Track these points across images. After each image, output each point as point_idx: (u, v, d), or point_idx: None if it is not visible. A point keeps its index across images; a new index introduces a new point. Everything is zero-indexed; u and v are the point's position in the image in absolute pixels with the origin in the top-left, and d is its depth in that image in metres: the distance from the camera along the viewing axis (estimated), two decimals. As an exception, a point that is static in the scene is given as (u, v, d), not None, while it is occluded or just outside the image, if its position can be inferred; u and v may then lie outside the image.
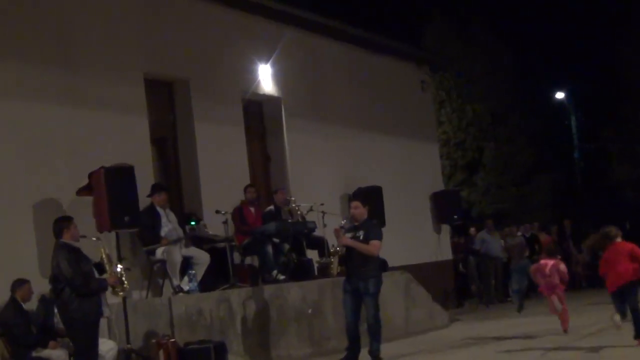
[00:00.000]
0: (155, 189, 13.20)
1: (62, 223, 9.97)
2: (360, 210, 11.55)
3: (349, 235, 11.38)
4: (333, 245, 11.55)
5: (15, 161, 11.85)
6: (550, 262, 12.84)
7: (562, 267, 12.83)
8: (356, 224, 11.53)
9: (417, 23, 30.26)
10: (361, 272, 11.31)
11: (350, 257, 11.37)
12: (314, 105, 17.73)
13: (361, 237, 11.35)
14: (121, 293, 10.50)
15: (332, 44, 18.64)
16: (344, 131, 18.44)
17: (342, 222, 11.80)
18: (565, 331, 12.83)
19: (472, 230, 23.30)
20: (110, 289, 10.21)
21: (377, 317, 11.39)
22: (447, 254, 21.71)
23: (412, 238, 19.57)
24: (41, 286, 11.46)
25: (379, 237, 11.43)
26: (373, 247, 11.35)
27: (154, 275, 13.18)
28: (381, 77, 20.11)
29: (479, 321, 16.62)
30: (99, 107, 13.12)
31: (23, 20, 12.20)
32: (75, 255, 9.72)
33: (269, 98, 16.90)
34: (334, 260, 11.44)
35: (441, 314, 16.40)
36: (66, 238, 9.83)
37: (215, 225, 13.93)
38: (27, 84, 12.15)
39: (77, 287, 9.60)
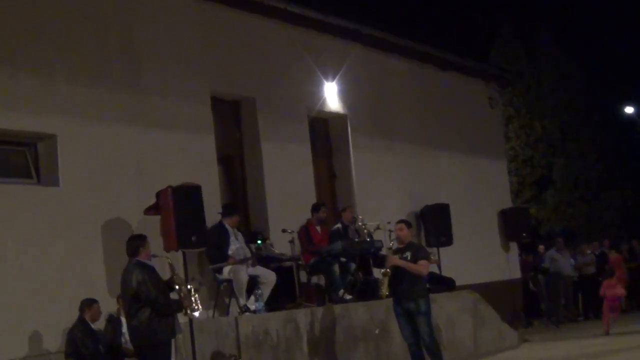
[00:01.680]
0: (228, 209, 13.21)
1: (138, 241, 9.96)
2: (405, 232, 11.65)
3: (396, 257, 11.39)
4: (381, 270, 11.52)
5: (84, 180, 11.93)
6: (609, 283, 12.64)
7: (618, 290, 12.57)
8: (401, 246, 11.55)
9: (485, 39, 30.03)
10: (410, 293, 11.38)
11: (398, 279, 11.37)
12: (380, 123, 17.62)
13: (408, 258, 11.43)
14: (194, 313, 10.45)
15: (399, 61, 18.53)
16: (410, 148, 18.30)
17: (390, 244, 11.76)
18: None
19: (541, 247, 22.96)
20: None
21: (432, 336, 11.48)
22: (515, 273, 21.37)
23: (480, 256, 19.31)
24: (109, 305, 11.53)
25: (427, 257, 11.56)
26: (422, 267, 11.44)
27: (220, 294, 13.16)
28: (448, 94, 19.94)
29: (550, 341, 16.29)
30: (166, 126, 13.19)
31: (93, 42, 12.32)
32: (153, 274, 9.71)
33: (334, 115, 16.84)
34: (384, 281, 11.38)
35: (510, 334, 16.11)
36: (142, 257, 9.82)
37: (282, 244, 13.88)
38: (97, 103, 12.25)
39: (161, 307, 9.58)
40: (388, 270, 11.34)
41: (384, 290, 11.39)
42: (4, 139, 11.45)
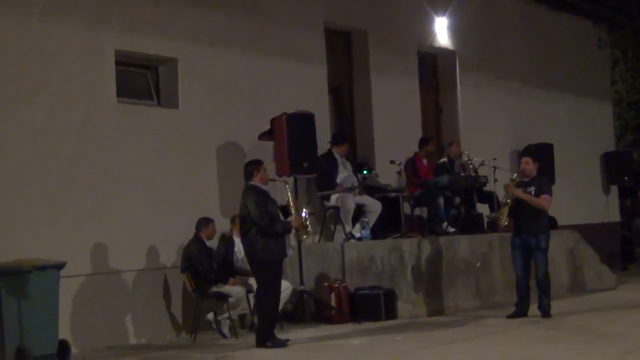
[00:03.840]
0: (338, 138, 13.41)
1: (253, 166, 10.23)
2: (530, 167, 11.54)
3: (519, 189, 11.37)
4: (504, 197, 11.51)
5: (201, 104, 12.24)
6: None
7: None
8: (526, 179, 11.51)
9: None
10: (532, 228, 11.32)
11: (520, 212, 11.34)
12: (488, 60, 17.50)
13: (532, 193, 11.37)
14: (304, 237, 10.76)
15: (510, -1, 18.37)
16: (516, 86, 18.17)
17: (513, 177, 11.73)
18: None
19: (641, 192, 22.66)
20: (294, 231, 10.50)
21: (547, 273, 11.42)
22: (615, 216, 21.20)
23: (581, 198, 19.20)
24: (222, 225, 11.89)
25: (550, 193, 11.42)
26: (545, 201, 11.35)
27: (327, 220, 13.43)
28: (557, 33, 19.66)
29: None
30: (281, 55, 13.39)
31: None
32: (263, 197, 9.98)
33: (443, 51, 16.81)
34: (504, 211, 11.39)
35: (608, 276, 16.04)
36: (255, 180, 10.10)
37: (386, 175, 14.05)
38: (214, 30, 12.48)
39: (263, 228, 9.87)
40: (509, 200, 11.37)
41: (503, 221, 11.44)
42: (127, 61, 11.76)
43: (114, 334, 10.87)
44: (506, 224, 11.52)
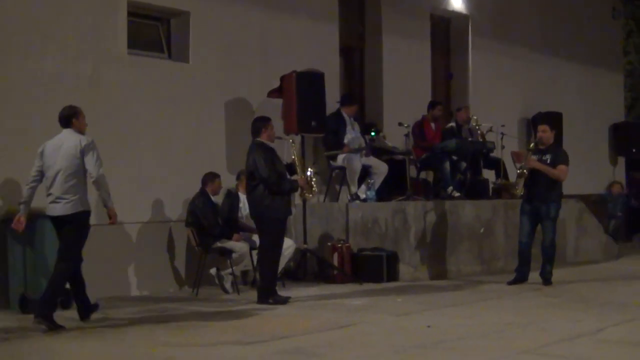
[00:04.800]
0: (347, 99, 13.40)
1: (261, 122, 10.22)
2: (548, 135, 11.47)
3: (534, 158, 11.33)
4: (520, 167, 11.46)
5: (212, 58, 12.23)
6: None
7: None
8: (542, 147, 11.46)
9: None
10: (545, 196, 11.29)
11: (535, 181, 11.30)
12: (500, 25, 17.41)
13: (548, 161, 11.31)
14: (309, 195, 10.79)
15: (525, -35, 18.22)
16: (529, 54, 18.07)
17: (530, 146, 11.70)
18: None
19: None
20: (299, 190, 10.53)
21: (553, 242, 11.42)
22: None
23: (589, 167, 19.15)
24: (228, 181, 11.93)
25: (567, 163, 11.37)
26: (561, 172, 11.32)
27: (332, 180, 13.46)
28: (571, 2, 19.53)
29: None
30: (293, 12, 13.36)
31: None
32: (271, 155, 9.99)
33: (456, 15, 16.72)
34: (520, 182, 11.35)
35: (611, 246, 16.08)
36: (263, 137, 10.10)
37: (394, 137, 14.03)
38: (226, -15, 12.47)
39: (271, 186, 9.89)
40: (525, 171, 11.30)
41: (519, 190, 11.42)
42: (140, 12, 11.74)
43: (116, 285, 10.95)
44: (521, 193, 11.51)
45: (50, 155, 8.60)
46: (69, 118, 8.72)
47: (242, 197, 11.36)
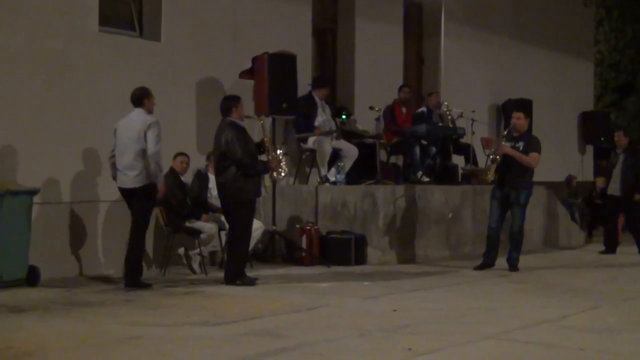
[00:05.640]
0: (318, 81, 13.42)
1: (231, 101, 10.16)
2: (522, 122, 11.59)
3: (508, 145, 11.40)
4: (492, 153, 11.52)
5: (183, 38, 12.18)
6: None
7: None
8: (516, 134, 11.54)
9: None
10: (516, 182, 11.39)
11: (507, 167, 11.38)
12: (473, 12, 17.43)
13: (521, 148, 11.39)
14: (280, 176, 10.74)
15: (498, -50, 18.27)
16: (500, 40, 18.13)
17: (504, 133, 11.78)
18: None
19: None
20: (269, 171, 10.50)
21: (521, 228, 11.52)
22: (589, 176, 21.30)
23: (557, 155, 19.27)
24: (198, 162, 11.89)
25: (539, 150, 11.47)
26: (533, 159, 11.41)
27: (302, 163, 13.47)
28: (543, -11, 19.63)
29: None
30: (266, -6, 13.33)
31: None
32: (243, 134, 9.95)
33: (430, 0, 16.74)
34: (492, 167, 11.43)
35: (578, 234, 16.24)
36: (234, 117, 10.04)
37: (365, 121, 14.06)
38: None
39: (245, 167, 9.84)
40: (498, 157, 11.36)
41: (490, 176, 11.49)
42: (112, -10, 11.69)
43: (84, 264, 10.90)
44: (492, 179, 11.58)
45: (121, 133, 9.74)
46: (141, 98, 9.77)
47: (212, 177, 11.31)
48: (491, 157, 11.49)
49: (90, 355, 6.40)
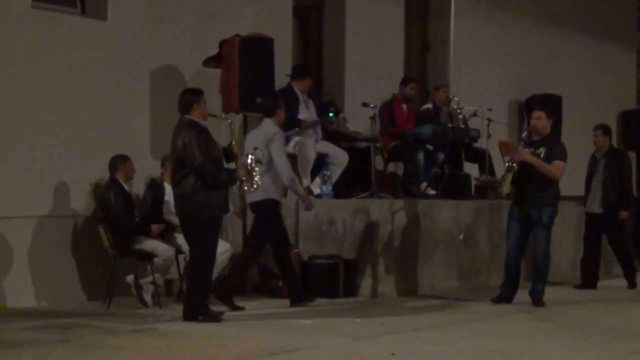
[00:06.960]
0: (299, 71, 13.37)
1: (192, 96, 10.09)
2: (543, 123, 11.53)
3: (527, 150, 11.37)
4: (509, 160, 11.46)
5: (136, 17, 12.18)
6: None
7: None
8: (536, 138, 11.51)
9: None
10: (537, 198, 11.34)
11: (525, 178, 11.34)
12: (490, -13, 17.57)
13: (542, 155, 11.34)
14: (251, 189, 10.60)
15: None
16: (523, 22, 18.21)
17: (523, 135, 11.75)
18: None
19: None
20: (237, 182, 10.42)
21: (547, 253, 11.50)
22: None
23: (590, 164, 19.34)
24: (151, 169, 11.86)
25: (564, 158, 11.41)
26: (557, 169, 11.35)
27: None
28: (576, -39, 19.74)
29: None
30: (236, -36, 13.34)
31: None
32: (205, 137, 9.86)
33: (438, -28, 16.86)
34: (508, 177, 11.36)
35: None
36: (194, 115, 9.97)
37: (357, 120, 14.09)
38: None
39: (205, 177, 9.78)
40: (515, 165, 11.30)
41: (505, 188, 11.41)
42: (47, -43, 11.64)
43: (8, 293, 10.83)
44: (508, 192, 11.53)
45: None
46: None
47: (168, 187, 11.25)
48: (507, 164, 11.41)
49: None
